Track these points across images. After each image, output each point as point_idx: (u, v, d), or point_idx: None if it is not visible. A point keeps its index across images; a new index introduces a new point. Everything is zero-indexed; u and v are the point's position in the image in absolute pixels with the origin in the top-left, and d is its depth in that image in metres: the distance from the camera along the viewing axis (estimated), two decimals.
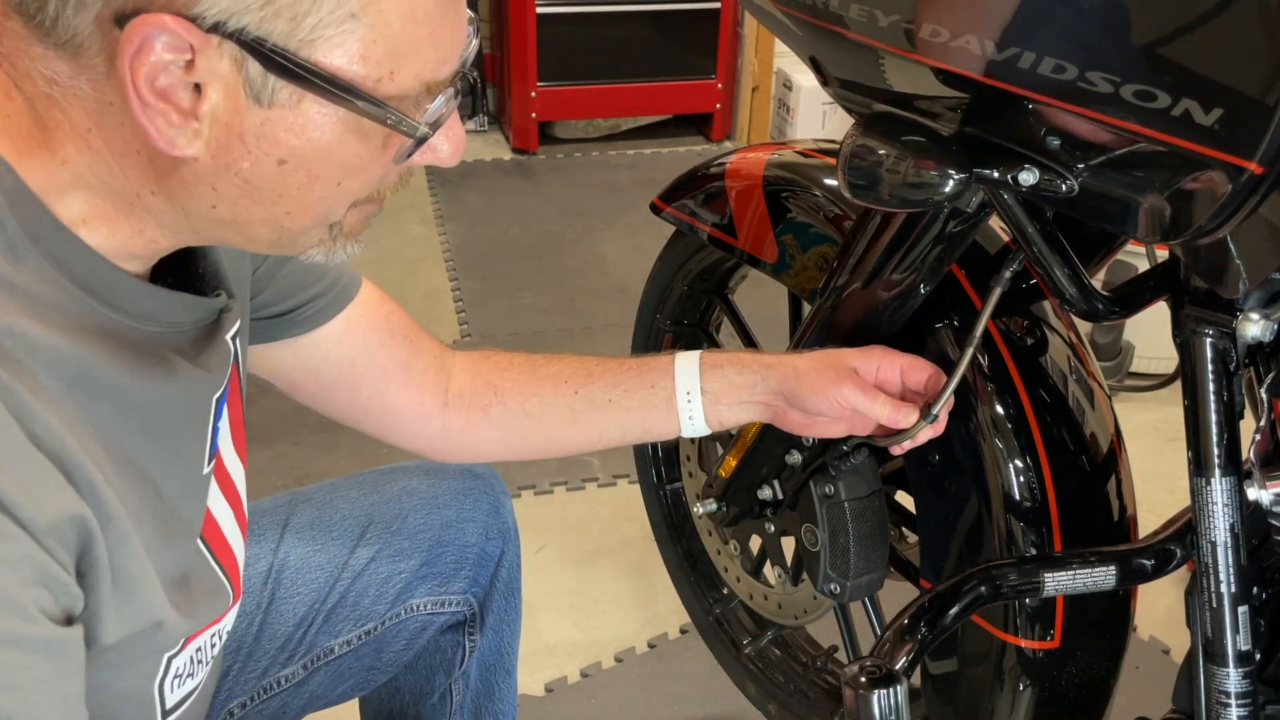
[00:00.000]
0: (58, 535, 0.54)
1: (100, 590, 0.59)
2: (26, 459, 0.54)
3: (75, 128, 0.57)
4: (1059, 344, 0.99)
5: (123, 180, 0.59)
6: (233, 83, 0.55)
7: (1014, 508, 0.95)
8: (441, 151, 0.65)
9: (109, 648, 0.61)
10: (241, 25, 0.53)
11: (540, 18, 3.43)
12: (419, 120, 0.60)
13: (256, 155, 0.58)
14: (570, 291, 2.79)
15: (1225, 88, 0.59)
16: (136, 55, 0.53)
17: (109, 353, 0.60)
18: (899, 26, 0.76)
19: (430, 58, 0.59)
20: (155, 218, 0.61)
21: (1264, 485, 0.74)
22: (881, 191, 0.81)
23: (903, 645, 0.82)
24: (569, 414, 0.97)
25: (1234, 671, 0.78)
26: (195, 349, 0.68)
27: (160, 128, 0.55)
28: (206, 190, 0.59)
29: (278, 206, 0.61)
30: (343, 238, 0.67)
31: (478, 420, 0.97)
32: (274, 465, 2.02)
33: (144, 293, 0.63)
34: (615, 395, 0.97)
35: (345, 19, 0.55)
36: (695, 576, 1.50)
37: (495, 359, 1.00)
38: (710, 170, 1.31)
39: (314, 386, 0.93)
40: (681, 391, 0.96)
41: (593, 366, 0.99)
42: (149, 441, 0.64)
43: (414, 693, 1.14)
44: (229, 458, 0.77)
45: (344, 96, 0.57)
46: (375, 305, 0.94)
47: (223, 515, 0.76)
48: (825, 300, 1.04)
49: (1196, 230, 0.66)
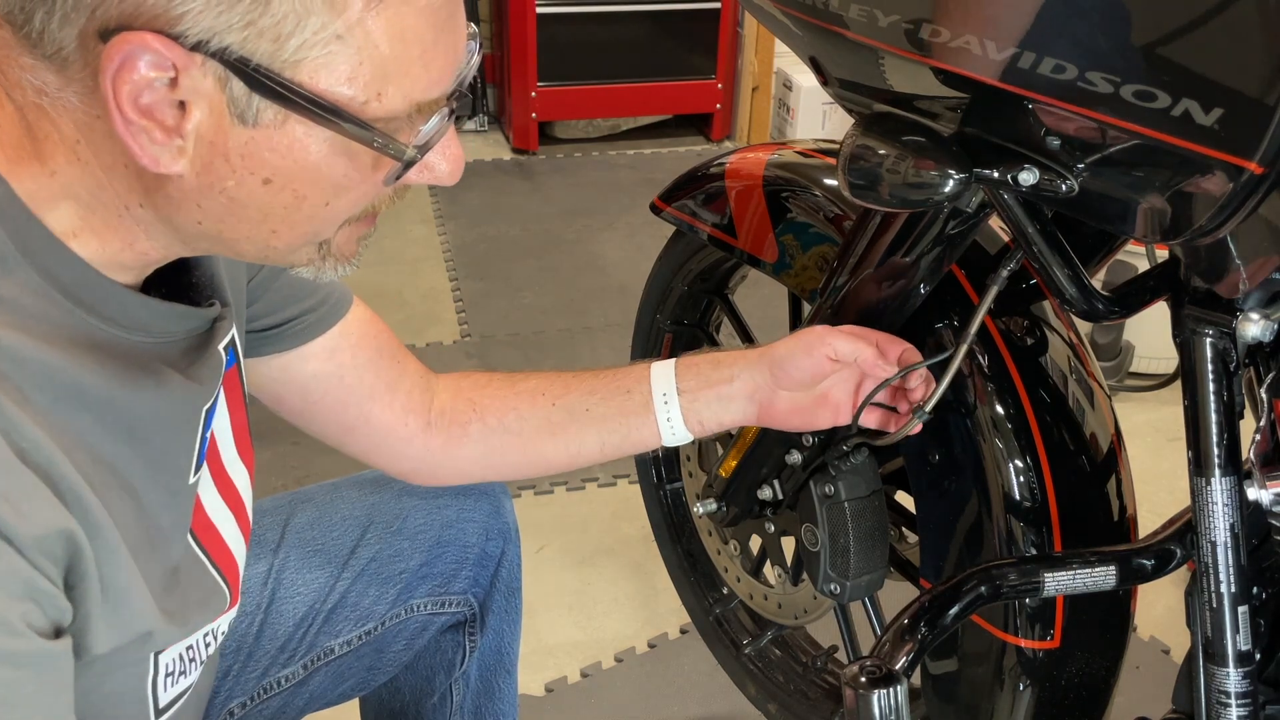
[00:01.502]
0: (44, 549, 0.54)
1: (89, 602, 0.59)
2: (12, 472, 0.54)
3: (64, 139, 0.57)
4: (1059, 344, 0.99)
5: (111, 193, 0.59)
6: (217, 101, 0.55)
7: (1014, 508, 0.95)
8: (439, 170, 0.64)
9: (99, 657, 0.61)
10: (224, 45, 0.53)
11: (540, 18, 3.43)
12: (408, 142, 0.60)
13: (241, 174, 0.58)
14: (570, 291, 2.79)
15: (1225, 88, 0.59)
16: (119, 73, 0.52)
17: (97, 364, 0.60)
18: (899, 26, 0.75)
19: (421, 79, 0.58)
20: (144, 229, 0.61)
21: (1264, 485, 0.74)
22: (881, 191, 0.81)
23: (903, 645, 0.82)
24: (547, 426, 0.96)
25: (1234, 671, 0.78)
26: (186, 359, 0.68)
27: (143, 145, 0.55)
28: (191, 206, 0.59)
29: (264, 225, 0.61)
30: (332, 258, 0.66)
31: (458, 437, 0.97)
32: (274, 465, 2.03)
33: (135, 303, 0.63)
34: (591, 404, 0.96)
35: (330, 40, 0.54)
36: (695, 576, 1.50)
37: (474, 377, 0.99)
38: (710, 170, 1.31)
39: (300, 404, 0.92)
40: (658, 395, 0.95)
41: (569, 379, 0.98)
42: (133, 452, 0.63)
43: (414, 693, 1.14)
44: (231, 463, 0.77)
45: (329, 118, 0.56)
46: (365, 324, 0.93)
47: (222, 520, 0.76)
48: (825, 300, 1.04)
49: (1196, 230, 0.66)
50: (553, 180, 3.48)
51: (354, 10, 0.54)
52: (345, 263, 0.67)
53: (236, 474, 0.78)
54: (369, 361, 0.93)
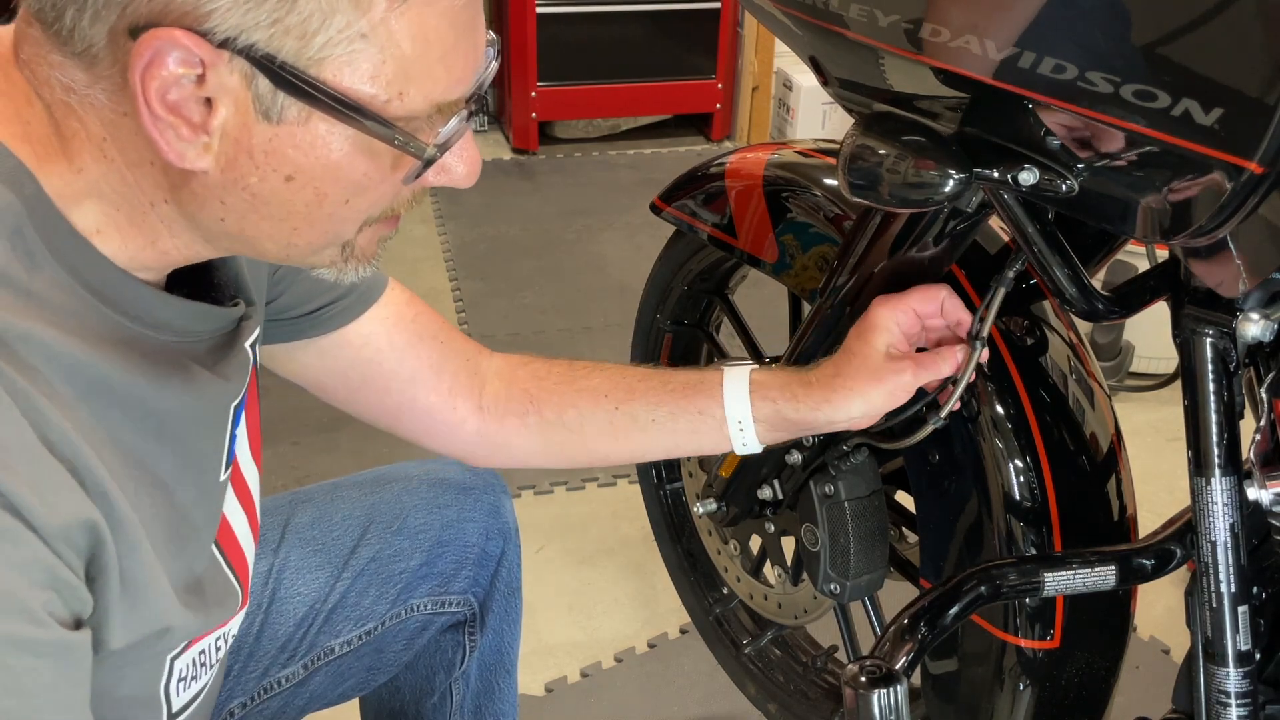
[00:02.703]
0: (68, 539, 0.55)
1: (109, 595, 0.59)
2: (39, 463, 0.54)
3: (91, 137, 0.58)
4: (1059, 344, 0.99)
5: (136, 190, 0.59)
6: (242, 98, 0.55)
7: (1014, 508, 0.95)
8: (457, 172, 0.65)
9: (115, 652, 0.61)
10: (251, 42, 0.53)
11: (540, 18, 3.43)
12: (429, 142, 0.60)
13: (264, 171, 0.58)
14: (570, 291, 2.79)
15: (1225, 88, 0.59)
16: (148, 69, 0.53)
17: (125, 360, 0.61)
18: (899, 26, 0.75)
19: (442, 79, 0.59)
20: (167, 227, 0.62)
21: (1264, 485, 0.74)
22: (881, 191, 0.81)
23: (903, 645, 0.82)
24: (609, 429, 0.95)
25: (1234, 671, 0.78)
26: (213, 357, 0.68)
27: (170, 140, 0.56)
28: (215, 203, 0.60)
29: (285, 223, 0.61)
30: (354, 259, 0.67)
31: (515, 428, 0.96)
32: (274, 465, 2.02)
33: (159, 302, 0.63)
34: (659, 416, 0.95)
35: (355, 39, 0.55)
36: (695, 576, 1.50)
37: (532, 366, 0.98)
38: (710, 170, 1.31)
39: (343, 390, 0.93)
40: (733, 420, 0.93)
41: (634, 382, 0.96)
42: (163, 448, 0.64)
43: (414, 692, 1.14)
44: (245, 463, 0.77)
45: (352, 116, 0.57)
46: (403, 307, 0.93)
47: (237, 520, 0.76)
48: (825, 300, 1.04)
49: (1196, 230, 0.66)
50: (553, 180, 3.48)
51: (378, 10, 0.55)
52: (366, 263, 0.68)
53: (249, 473, 0.79)
54: (408, 345, 0.93)
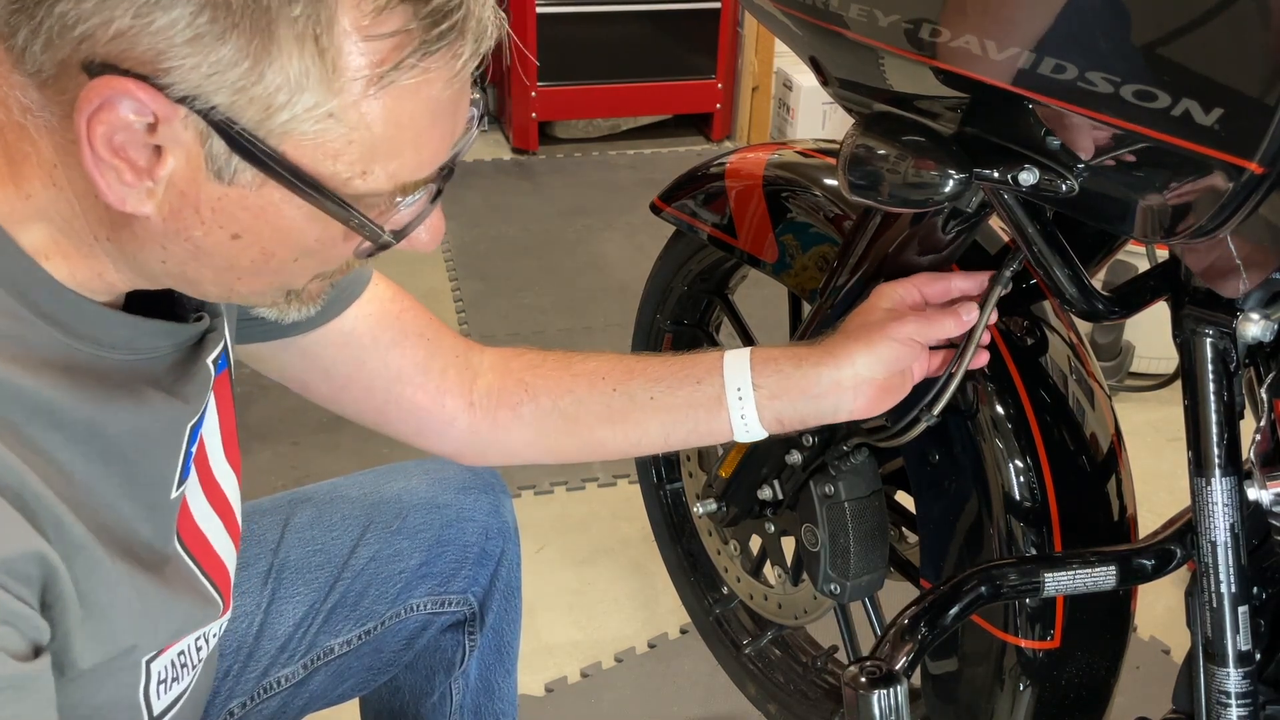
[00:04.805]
0: (14, 573, 0.54)
1: (68, 619, 0.58)
2: None
3: (43, 162, 0.56)
4: (1059, 344, 0.99)
5: (82, 221, 0.58)
6: (194, 153, 0.53)
7: (1014, 508, 0.95)
8: (418, 239, 0.63)
9: (85, 671, 0.61)
10: (211, 105, 0.51)
11: (540, 18, 3.43)
12: (386, 220, 0.58)
13: (210, 226, 0.56)
14: (570, 291, 2.79)
15: (1225, 88, 0.59)
16: (96, 113, 0.51)
17: (72, 384, 0.59)
18: (899, 26, 0.75)
19: (410, 160, 0.57)
20: (111, 261, 0.60)
21: (1264, 485, 0.74)
22: (881, 191, 0.81)
23: (903, 645, 0.81)
24: (606, 412, 0.92)
25: (1234, 671, 0.78)
26: (172, 375, 0.67)
27: (110, 182, 0.54)
28: (156, 248, 0.58)
29: (229, 273, 0.60)
30: (298, 301, 0.65)
31: (507, 420, 0.93)
32: (274, 465, 2.02)
33: (117, 321, 0.62)
34: (657, 392, 0.90)
35: (322, 118, 0.53)
36: (695, 576, 1.50)
37: (527, 356, 0.95)
38: (710, 170, 1.31)
39: (327, 389, 0.90)
40: (732, 389, 0.89)
41: (633, 363, 0.93)
42: (107, 469, 0.62)
43: (414, 692, 1.14)
44: (219, 470, 0.77)
45: (308, 191, 0.55)
46: (387, 303, 0.90)
47: (211, 529, 0.75)
48: (825, 300, 1.04)
49: (1196, 230, 0.66)
50: (553, 180, 3.48)
51: (351, 93, 0.53)
52: (311, 304, 0.66)
53: (224, 479, 0.78)
54: (392, 343, 0.90)
